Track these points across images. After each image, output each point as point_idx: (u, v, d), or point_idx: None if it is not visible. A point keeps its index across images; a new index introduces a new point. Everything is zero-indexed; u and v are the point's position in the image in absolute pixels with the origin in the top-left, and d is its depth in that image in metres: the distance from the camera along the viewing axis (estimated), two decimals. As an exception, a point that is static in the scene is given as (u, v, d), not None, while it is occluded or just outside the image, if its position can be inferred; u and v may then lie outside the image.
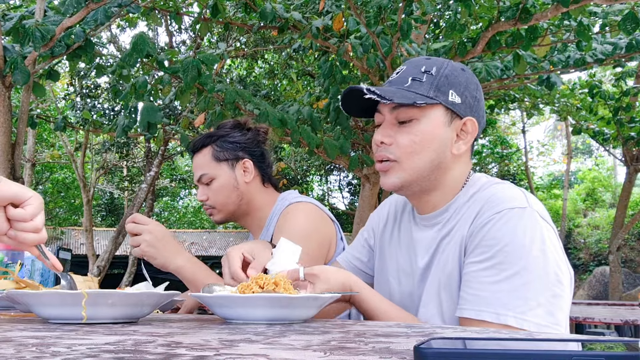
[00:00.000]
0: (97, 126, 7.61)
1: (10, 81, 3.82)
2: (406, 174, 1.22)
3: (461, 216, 1.21)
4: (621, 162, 10.98)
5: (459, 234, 1.19)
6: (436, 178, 1.23)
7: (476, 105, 1.25)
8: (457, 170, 1.25)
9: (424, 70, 1.23)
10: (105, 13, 3.64)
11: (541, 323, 1.03)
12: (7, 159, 3.99)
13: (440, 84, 1.21)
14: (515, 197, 1.15)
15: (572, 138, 18.30)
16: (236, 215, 1.83)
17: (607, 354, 0.41)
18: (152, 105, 4.55)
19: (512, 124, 20.42)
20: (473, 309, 1.07)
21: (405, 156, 1.21)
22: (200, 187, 1.81)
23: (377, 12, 4.56)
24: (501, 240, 1.09)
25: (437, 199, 1.26)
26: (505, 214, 1.11)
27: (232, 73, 11.06)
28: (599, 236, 18.83)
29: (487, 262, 1.09)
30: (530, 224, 1.10)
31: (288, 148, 13.51)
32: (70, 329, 0.86)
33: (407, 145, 1.20)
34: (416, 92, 1.20)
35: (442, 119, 1.21)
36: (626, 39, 5.58)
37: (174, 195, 23.62)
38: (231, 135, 1.81)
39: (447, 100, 1.20)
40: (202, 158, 1.80)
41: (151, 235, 1.56)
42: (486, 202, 1.16)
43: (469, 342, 0.50)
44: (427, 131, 1.20)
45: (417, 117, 1.20)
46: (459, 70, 1.24)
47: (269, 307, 1.00)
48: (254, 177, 1.80)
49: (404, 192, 1.26)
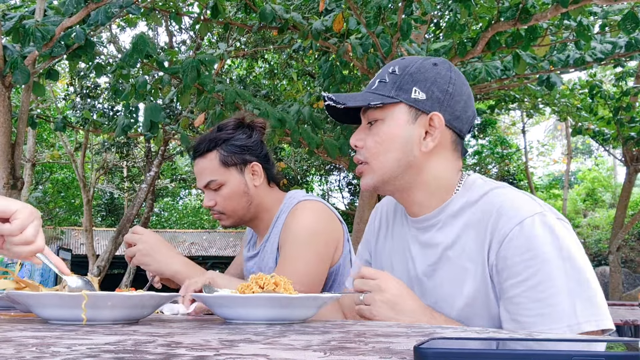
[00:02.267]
0: (97, 126, 7.61)
1: (10, 81, 3.82)
2: (376, 175, 1.22)
3: (465, 224, 1.17)
4: (621, 162, 10.98)
5: (471, 245, 1.15)
6: (411, 177, 1.21)
7: (447, 100, 1.20)
8: (435, 169, 1.21)
9: (391, 70, 1.23)
10: (105, 14, 3.64)
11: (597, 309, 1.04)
12: (7, 159, 3.99)
13: (403, 82, 1.20)
14: (527, 202, 1.12)
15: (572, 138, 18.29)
16: (246, 219, 1.79)
17: (607, 354, 0.41)
18: (155, 105, 4.56)
19: (512, 124, 20.42)
20: (543, 330, 1.04)
21: (372, 157, 1.21)
22: (207, 193, 1.75)
23: (377, 12, 4.56)
24: (535, 252, 1.06)
25: (422, 198, 1.23)
26: (527, 223, 1.08)
27: (232, 73, 11.06)
28: (599, 236, 18.83)
29: (532, 279, 1.06)
30: (554, 227, 1.08)
31: (288, 148, 13.51)
32: (70, 329, 0.86)
33: (372, 146, 1.21)
34: (379, 94, 1.20)
35: (404, 117, 1.19)
36: (626, 38, 5.58)
37: (174, 195, 23.62)
38: (236, 138, 1.75)
39: (409, 97, 1.19)
40: (208, 163, 1.73)
41: (145, 244, 1.58)
42: (499, 214, 1.12)
43: (469, 342, 0.50)
44: (388, 131, 1.20)
45: (382, 118, 1.20)
46: (429, 66, 1.21)
47: (269, 307, 1.00)
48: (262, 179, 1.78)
49: (381, 192, 1.27)
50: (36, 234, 1.00)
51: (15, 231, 0.98)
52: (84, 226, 12.64)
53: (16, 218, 0.98)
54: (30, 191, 11.53)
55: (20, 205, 0.99)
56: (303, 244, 1.62)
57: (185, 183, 18.07)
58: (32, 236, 0.99)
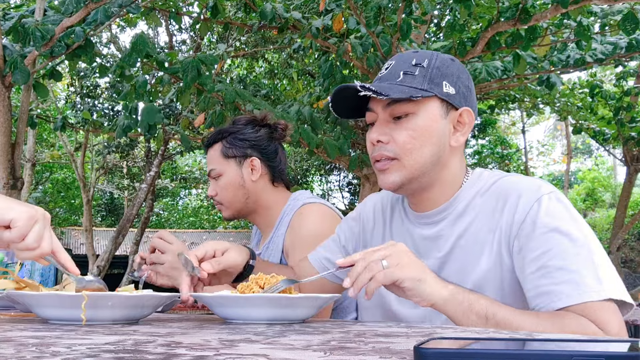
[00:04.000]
0: (97, 126, 7.60)
1: (10, 81, 3.81)
2: (407, 171, 1.18)
3: (477, 212, 1.18)
4: (621, 162, 10.97)
5: (484, 230, 1.15)
6: (436, 173, 1.20)
7: (469, 95, 1.22)
8: (454, 165, 1.22)
9: (414, 63, 1.19)
10: (105, 13, 3.64)
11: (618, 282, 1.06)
12: (7, 159, 3.99)
13: (434, 76, 1.18)
14: (540, 182, 1.16)
15: (572, 138, 18.29)
16: (243, 213, 1.83)
17: (607, 353, 0.41)
18: (152, 106, 4.55)
19: (512, 124, 20.41)
20: (571, 295, 1.03)
21: (405, 153, 1.17)
22: (211, 182, 1.82)
23: (377, 12, 4.55)
24: (554, 225, 1.08)
25: (435, 195, 1.23)
26: (543, 200, 1.11)
27: (232, 73, 11.05)
28: (599, 236, 18.82)
29: (554, 249, 1.07)
30: (568, 204, 1.12)
31: (288, 148, 13.52)
32: (70, 329, 0.86)
33: (406, 141, 1.17)
34: (410, 86, 1.17)
35: (438, 111, 1.18)
36: (626, 38, 5.58)
37: (174, 195, 23.60)
38: (242, 132, 1.80)
39: (441, 91, 1.17)
40: (212, 153, 1.81)
41: (176, 257, 1.51)
42: (518, 195, 1.13)
43: (469, 342, 0.50)
44: (424, 125, 1.17)
45: (413, 112, 1.17)
46: (449, 61, 1.21)
47: (269, 307, 1.00)
48: (262, 175, 1.79)
49: (402, 191, 1.23)
50: (39, 238, 0.97)
51: (16, 239, 0.96)
52: (83, 226, 12.64)
53: (15, 226, 0.95)
54: (30, 191, 11.52)
55: (17, 212, 0.95)
56: (311, 249, 1.63)
57: (186, 183, 18.05)
58: (34, 242, 0.97)
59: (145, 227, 11.37)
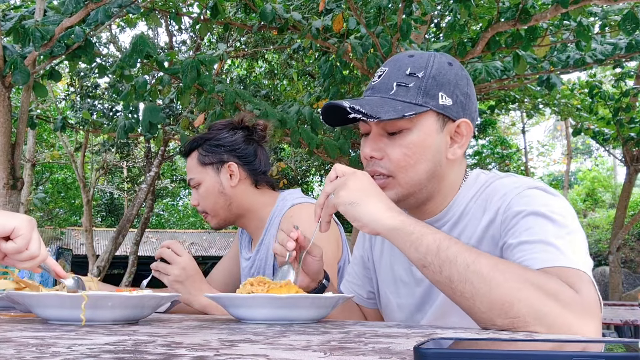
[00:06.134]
0: (97, 126, 7.60)
1: (10, 81, 3.82)
2: (403, 188, 1.14)
3: (470, 217, 1.16)
4: (621, 162, 10.98)
5: (477, 234, 1.14)
6: (433, 187, 1.16)
7: (468, 103, 1.16)
8: (452, 175, 1.19)
9: (409, 72, 1.13)
10: (105, 13, 3.64)
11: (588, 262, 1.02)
12: (7, 159, 3.99)
13: (429, 87, 1.12)
14: (524, 180, 1.14)
15: (572, 138, 18.28)
16: (230, 220, 1.79)
17: (607, 354, 0.41)
18: (153, 106, 4.56)
19: (512, 124, 20.42)
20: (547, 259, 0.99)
21: (400, 170, 1.13)
22: (192, 192, 1.79)
23: (377, 13, 4.56)
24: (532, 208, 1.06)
25: (434, 206, 1.20)
26: (524, 192, 1.09)
27: (232, 73, 11.05)
28: (599, 236, 18.81)
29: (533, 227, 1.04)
30: (553, 192, 1.10)
31: (288, 148, 13.50)
32: (70, 329, 0.86)
33: (400, 159, 1.12)
34: (403, 101, 1.11)
35: (434, 125, 1.13)
36: (626, 39, 5.59)
37: (174, 195, 23.60)
38: (217, 138, 1.76)
39: (437, 104, 1.12)
40: (190, 162, 1.78)
41: (182, 271, 1.47)
42: (505, 193, 1.12)
43: (469, 342, 0.50)
44: (419, 141, 1.12)
45: (408, 127, 1.12)
46: (446, 67, 1.15)
47: (269, 307, 1.00)
48: (242, 179, 1.75)
49: (400, 206, 1.17)
50: (39, 246, 0.99)
51: (22, 249, 0.97)
52: (84, 226, 12.62)
53: (18, 235, 0.96)
54: (30, 191, 11.51)
55: (18, 220, 0.97)
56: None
57: (185, 183, 18.04)
58: (37, 249, 0.98)
59: (145, 227, 11.36)
